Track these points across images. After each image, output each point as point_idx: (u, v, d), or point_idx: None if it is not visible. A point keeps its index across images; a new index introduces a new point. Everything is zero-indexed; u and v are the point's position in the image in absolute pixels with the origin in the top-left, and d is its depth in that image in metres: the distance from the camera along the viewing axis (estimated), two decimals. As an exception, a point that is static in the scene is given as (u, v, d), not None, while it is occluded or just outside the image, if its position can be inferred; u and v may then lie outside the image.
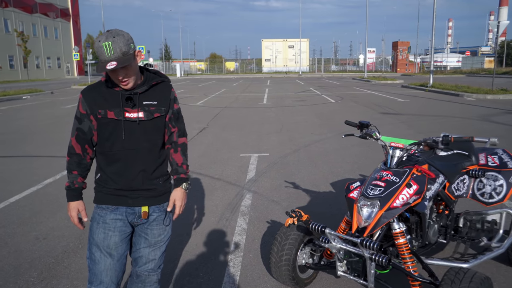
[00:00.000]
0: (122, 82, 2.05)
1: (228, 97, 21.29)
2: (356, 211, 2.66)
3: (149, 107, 2.15)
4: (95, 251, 2.18)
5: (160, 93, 2.21)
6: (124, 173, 2.16)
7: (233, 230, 4.30)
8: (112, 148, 2.14)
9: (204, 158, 7.63)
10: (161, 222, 2.28)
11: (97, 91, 2.14)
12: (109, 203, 2.19)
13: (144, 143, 2.16)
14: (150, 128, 2.17)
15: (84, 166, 2.23)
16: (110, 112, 2.10)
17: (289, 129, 10.64)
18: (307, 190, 5.57)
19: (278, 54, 68.22)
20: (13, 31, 48.04)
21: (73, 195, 2.23)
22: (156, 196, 2.25)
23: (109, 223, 2.18)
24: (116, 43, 1.94)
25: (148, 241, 2.28)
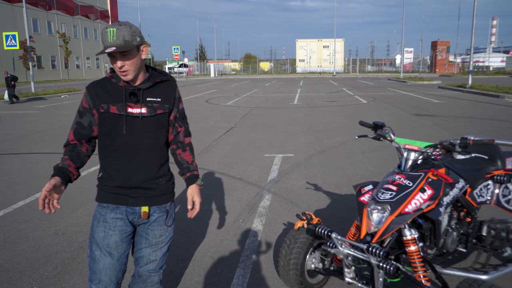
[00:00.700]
0: (121, 72, 2.04)
1: (259, 97, 21.27)
2: (365, 215, 2.54)
3: (152, 103, 2.14)
4: (95, 250, 2.17)
5: (165, 91, 2.20)
6: (124, 169, 2.13)
7: (248, 231, 4.24)
8: (114, 143, 2.12)
9: (228, 158, 7.61)
10: (162, 223, 2.25)
11: (101, 86, 2.14)
12: (110, 202, 2.17)
13: (146, 139, 2.13)
14: (153, 124, 2.15)
15: (76, 153, 2.15)
16: (112, 106, 2.08)
17: (317, 130, 10.48)
18: (328, 192, 5.44)
19: (312, 54, 67.66)
20: (56, 33, 49.90)
21: (53, 174, 2.03)
22: (157, 196, 2.22)
23: (109, 222, 2.16)
24: (121, 30, 1.96)
25: (149, 241, 2.26)
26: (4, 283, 3.33)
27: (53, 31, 52.47)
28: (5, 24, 43.08)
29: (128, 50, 2.00)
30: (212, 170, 6.72)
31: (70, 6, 56.95)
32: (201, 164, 7.11)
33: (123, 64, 2.02)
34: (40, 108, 17.56)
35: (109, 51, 1.94)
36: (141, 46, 2.08)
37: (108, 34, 1.96)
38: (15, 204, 5.20)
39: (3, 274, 3.48)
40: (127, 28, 1.99)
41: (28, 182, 6.16)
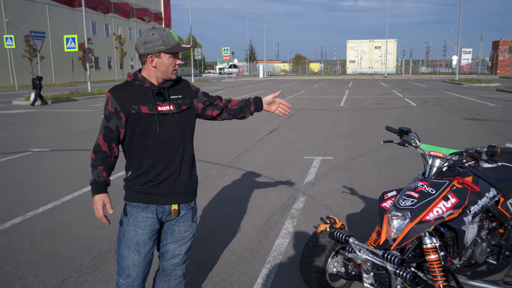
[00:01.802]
0: (176, 69, 2.25)
1: (306, 99, 21.20)
2: (386, 222, 2.52)
3: (176, 100, 2.28)
4: (124, 248, 2.28)
5: (182, 88, 2.35)
6: (158, 164, 2.24)
7: (278, 233, 4.29)
8: (146, 142, 2.22)
9: (267, 159, 7.68)
10: (188, 219, 2.37)
11: (125, 89, 2.24)
12: (141, 201, 2.26)
13: (176, 135, 2.26)
14: (181, 120, 2.28)
15: (108, 163, 2.27)
16: (143, 107, 2.19)
17: (360, 133, 10.33)
18: (364, 197, 5.37)
19: (363, 55, 66.35)
20: (112, 35, 52.25)
21: (98, 188, 2.19)
22: (185, 194, 2.33)
23: (139, 221, 2.26)
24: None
25: (175, 236, 2.38)
26: (48, 270, 3.59)
27: (110, 33, 54.95)
28: (67, 27, 45.66)
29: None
30: (249, 170, 6.82)
31: (126, 9, 59.45)
32: (240, 164, 7.24)
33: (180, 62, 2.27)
34: (94, 107, 18.47)
35: (189, 47, 2.21)
36: None
37: (173, 35, 2.19)
38: (64, 198, 5.55)
39: (48, 261, 3.75)
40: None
41: (77, 177, 6.54)
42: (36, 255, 3.88)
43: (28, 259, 3.79)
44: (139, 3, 62.88)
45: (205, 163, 7.41)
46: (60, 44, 28.42)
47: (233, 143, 9.26)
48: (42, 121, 13.94)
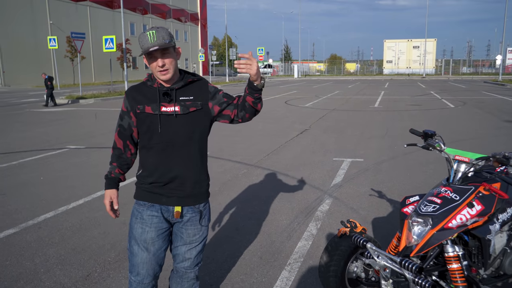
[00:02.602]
0: (162, 71, 2.15)
1: (339, 99, 20.93)
2: (406, 227, 2.44)
3: (185, 102, 2.23)
4: (134, 244, 2.31)
5: (197, 89, 2.28)
6: (160, 165, 2.24)
7: (301, 235, 4.24)
8: (150, 142, 2.24)
9: (296, 160, 7.63)
10: (196, 223, 2.33)
11: (138, 90, 2.29)
12: (146, 199, 2.29)
13: (181, 136, 2.22)
14: (187, 122, 2.23)
15: (123, 160, 2.37)
16: (147, 107, 2.22)
17: (393, 135, 10.09)
18: (392, 201, 5.24)
19: (401, 55, 64.79)
20: (150, 35, 53.43)
21: (108, 184, 2.36)
22: (190, 197, 2.29)
23: (146, 219, 2.28)
24: (159, 32, 2.11)
25: (184, 239, 2.35)
26: (74, 264, 3.70)
27: (147, 34, 56.17)
28: (107, 28, 47.09)
29: (167, 49, 2.13)
30: (277, 171, 6.79)
31: (164, 10, 60.70)
32: (268, 165, 7.22)
33: (164, 63, 2.14)
34: (131, 106, 18.91)
35: (154, 49, 2.07)
36: (177, 48, 2.22)
37: (148, 36, 2.09)
38: (94, 194, 5.71)
39: (75, 255, 3.87)
40: (165, 30, 2.14)
41: (109, 174, 6.71)
42: (64, 249, 4.01)
43: (57, 253, 3.92)
44: (176, 3, 64.02)
45: (233, 162, 7.44)
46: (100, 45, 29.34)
47: (263, 143, 9.26)
48: (80, 119, 14.41)
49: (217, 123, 2.44)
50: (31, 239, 4.26)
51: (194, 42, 70.30)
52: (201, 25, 72.01)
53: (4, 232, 4.46)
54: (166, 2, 61.41)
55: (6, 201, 5.52)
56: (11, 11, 38.07)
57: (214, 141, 9.61)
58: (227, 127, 11.76)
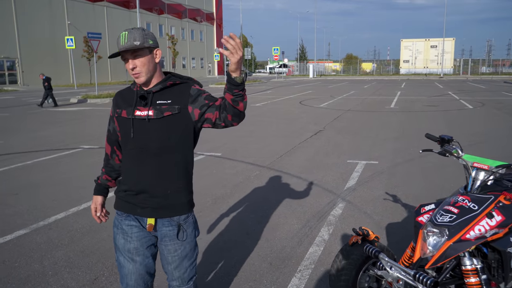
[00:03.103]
0: (133, 74, 2.05)
1: (355, 100, 20.70)
2: (421, 238, 2.33)
3: (161, 106, 2.08)
4: (119, 255, 2.21)
5: (178, 93, 2.11)
6: (133, 172, 2.12)
7: (313, 240, 4.14)
8: (126, 147, 2.15)
9: (309, 162, 7.52)
10: (174, 238, 2.14)
11: (121, 94, 2.23)
12: (121, 209, 2.19)
13: (154, 142, 2.07)
14: (162, 127, 2.07)
15: (110, 166, 2.30)
16: (124, 111, 2.14)
17: (409, 136, 9.89)
18: (407, 205, 5.09)
19: (418, 54, 63.90)
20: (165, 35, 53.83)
21: (95, 189, 2.35)
22: (166, 208, 2.11)
23: (125, 229, 2.17)
24: (132, 33, 2.01)
25: (166, 258, 2.19)
26: (82, 267, 3.67)
27: (163, 33, 56.64)
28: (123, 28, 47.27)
29: (138, 51, 2.02)
30: (290, 173, 6.70)
31: (179, 10, 61.07)
32: (280, 167, 7.13)
33: (134, 65, 2.03)
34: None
35: (119, 50, 2.00)
36: (154, 50, 2.08)
37: (121, 37, 2.01)
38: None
39: (83, 258, 3.84)
40: (139, 30, 2.03)
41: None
42: (73, 251, 3.98)
43: (65, 255, 3.90)
44: (192, 3, 64.32)
45: (246, 164, 7.37)
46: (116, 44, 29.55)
47: (276, 144, 9.16)
48: (95, 119, 14.52)
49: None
50: (41, 241, 4.25)
51: (210, 41, 70.51)
52: (216, 25, 72.20)
53: (15, 233, 4.46)
54: (182, 2, 61.73)
55: (19, 201, 5.54)
56: (30, 12, 38.69)
57: (228, 142, 9.55)
58: (241, 127, 11.70)
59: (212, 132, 10.94)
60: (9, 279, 3.50)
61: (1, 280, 3.49)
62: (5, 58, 37.17)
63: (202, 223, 4.64)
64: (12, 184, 6.36)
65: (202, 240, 4.19)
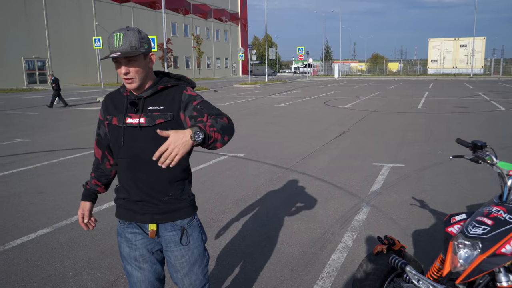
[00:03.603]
0: (126, 79, 1.93)
1: (380, 100, 20.32)
2: (451, 250, 2.19)
3: (153, 112, 1.96)
4: (126, 264, 2.14)
5: (170, 98, 1.98)
6: (128, 182, 2.04)
7: (336, 246, 4.02)
8: (118, 156, 2.05)
9: (333, 164, 7.37)
10: (178, 243, 2.05)
11: (111, 97, 2.11)
12: (122, 217, 2.11)
13: (147, 151, 1.93)
14: (154, 135, 1.90)
15: (101, 171, 2.21)
16: (115, 118, 2.03)
17: (437, 139, 9.59)
18: (435, 211, 4.90)
19: (447, 54, 62.36)
20: (191, 35, 54.32)
21: (84, 195, 2.23)
22: (167, 213, 2.02)
23: (129, 237, 2.10)
24: (127, 36, 1.87)
25: (173, 265, 2.09)
26: (102, 268, 3.66)
27: (188, 33, 57.18)
28: (149, 28, 48.16)
29: (133, 57, 1.88)
30: (313, 175, 6.57)
31: (204, 10, 61.55)
32: (303, 168, 7.01)
33: (128, 71, 1.91)
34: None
35: (113, 56, 1.84)
36: (149, 54, 1.96)
37: (114, 38, 1.86)
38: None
39: (103, 259, 3.83)
40: (135, 33, 1.89)
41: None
42: (94, 252, 3.98)
43: (86, 256, 3.90)
44: (217, 3, 64.67)
45: (268, 165, 7.28)
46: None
47: (299, 146, 9.04)
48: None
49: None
50: (63, 240, 4.27)
51: (234, 41, 70.76)
52: (241, 25, 72.37)
53: (39, 232, 4.51)
54: (207, 2, 62.15)
55: (44, 199, 5.61)
56: (60, 13, 39.67)
57: (251, 142, 9.49)
58: (264, 127, 11.62)
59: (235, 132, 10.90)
60: (30, 278, 3.52)
61: (23, 279, 3.51)
62: (36, 58, 38.20)
63: (223, 226, 4.58)
64: (38, 182, 6.46)
65: (223, 243, 4.13)
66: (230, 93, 27.34)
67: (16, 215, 5.01)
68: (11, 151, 8.97)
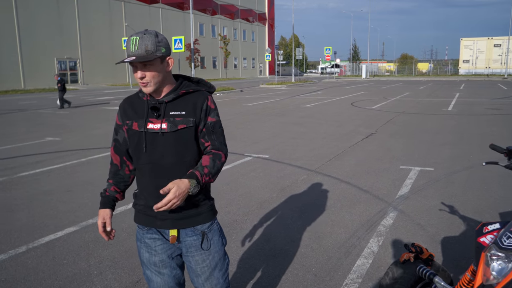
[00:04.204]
0: (142, 83, 1.91)
1: (409, 101, 19.90)
2: (483, 261, 2.08)
3: (175, 117, 1.95)
4: (145, 270, 2.13)
5: (192, 103, 1.98)
6: (148, 188, 2.01)
7: (361, 252, 3.93)
8: (139, 162, 2.02)
9: (359, 166, 7.24)
10: (199, 247, 2.04)
11: (129, 102, 2.07)
12: (141, 223, 2.09)
13: (169, 157, 1.95)
14: (175, 141, 1.95)
15: (120, 177, 2.16)
16: (135, 123, 1.99)
17: (468, 142, 9.30)
18: (465, 218, 4.73)
19: (479, 54, 60.60)
20: (218, 36, 54.69)
21: (102, 203, 2.13)
22: (187, 218, 2.01)
23: (148, 243, 2.08)
24: (144, 39, 1.84)
25: (194, 270, 2.08)
26: (125, 268, 3.69)
27: (216, 34, 57.61)
28: (177, 29, 48.79)
29: (149, 61, 1.85)
30: (338, 178, 6.47)
31: (232, 11, 61.90)
32: (329, 171, 6.91)
33: (144, 75, 1.88)
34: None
35: (129, 60, 1.81)
36: (166, 58, 1.93)
37: (131, 42, 1.84)
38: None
39: (127, 259, 3.86)
40: (151, 37, 1.86)
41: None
42: (118, 251, 4.02)
43: (110, 255, 3.95)
44: (244, 4, 64.91)
45: (293, 167, 7.22)
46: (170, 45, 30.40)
47: (326, 147, 8.93)
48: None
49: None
50: (89, 239, 4.34)
51: (261, 42, 70.84)
52: (268, 25, 72.38)
53: (66, 230, 4.59)
54: (234, 2, 62.46)
55: (72, 197, 5.73)
56: (91, 15, 40.64)
57: (276, 143, 9.44)
58: (289, 128, 11.54)
59: (261, 133, 10.87)
60: (56, 276, 3.58)
61: (50, 276, 3.57)
62: (68, 59, 39.27)
63: (247, 229, 4.55)
64: (67, 180, 6.60)
65: (246, 246, 4.10)
66: (256, 93, 27.35)
67: (45, 213, 5.13)
68: (42, 149, 9.21)
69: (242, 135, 10.59)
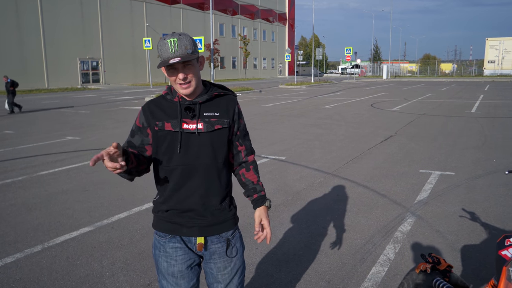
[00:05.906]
0: (183, 84, 1.89)
1: (431, 103, 19.51)
2: (505, 276, 1.98)
3: (210, 118, 1.95)
4: (162, 279, 2.08)
5: (224, 105, 2.01)
6: (179, 191, 1.97)
7: (376, 259, 3.83)
8: (169, 163, 1.96)
9: (377, 170, 7.10)
10: (223, 254, 2.04)
11: (156, 104, 2.02)
12: (165, 231, 2.02)
13: (203, 158, 1.94)
14: (211, 141, 1.95)
15: (135, 151, 1.94)
16: (167, 123, 1.94)
17: (492, 146, 9.03)
18: (487, 225, 4.58)
19: (506, 54, 59.09)
20: (238, 36, 54.79)
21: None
22: (214, 225, 2.00)
23: (169, 252, 2.02)
24: (182, 40, 1.85)
25: (215, 276, 2.07)
26: (137, 270, 3.68)
27: (236, 34, 57.73)
28: (197, 29, 49.09)
29: (190, 61, 1.87)
30: (356, 181, 6.35)
31: (252, 11, 61.94)
32: (346, 174, 6.80)
33: (186, 76, 1.87)
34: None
35: (175, 62, 1.79)
36: (200, 57, 1.96)
37: (168, 44, 1.83)
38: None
39: (139, 261, 3.85)
40: (188, 37, 1.88)
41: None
42: (131, 253, 4.02)
43: (123, 257, 3.94)
44: (265, 4, 64.87)
45: (310, 169, 7.13)
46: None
47: (343, 150, 8.81)
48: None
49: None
50: (103, 240, 4.35)
51: (281, 42, 70.70)
52: (288, 25, 72.17)
53: (81, 230, 4.62)
54: (254, 2, 62.48)
55: (88, 197, 5.77)
56: (113, 15, 41.22)
57: (293, 145, 9.36)
58: (307, 130, 11.44)
59: (278, 134, 10.80)
60: (70, 276, 3.59)
61: (63, 277, 3.59)
62: (90, 59, 39.91)
63: (260, 232, 4.49)
64: (84, 180, 6.66)
65: (259, 250, 4.05)
66: (275, 93, 27.27)
67: (61, 212, 5.18)
68: (62, 148, 9.35)
69: (259, 136, 10.54)
